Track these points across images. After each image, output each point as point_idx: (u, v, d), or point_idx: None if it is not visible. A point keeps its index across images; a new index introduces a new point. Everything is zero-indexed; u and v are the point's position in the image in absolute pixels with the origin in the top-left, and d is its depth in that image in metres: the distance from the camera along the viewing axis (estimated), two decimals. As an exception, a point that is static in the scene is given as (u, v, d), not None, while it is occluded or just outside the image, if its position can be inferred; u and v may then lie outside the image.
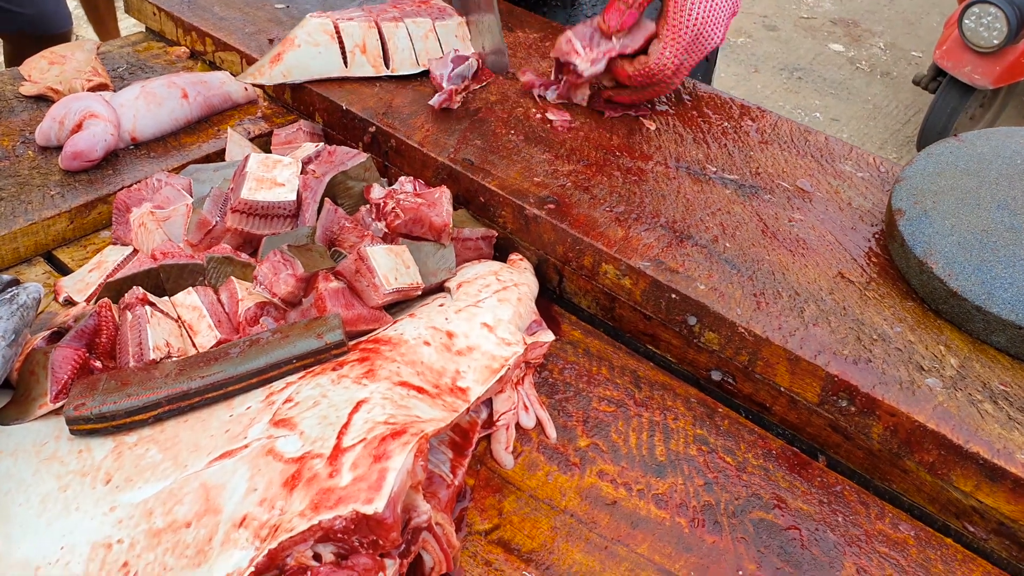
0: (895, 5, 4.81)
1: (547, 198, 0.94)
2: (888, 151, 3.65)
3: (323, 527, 0.58)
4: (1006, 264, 0.80)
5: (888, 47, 4.43)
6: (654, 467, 0.77)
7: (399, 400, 0.70)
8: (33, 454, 0.71)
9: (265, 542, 0.59)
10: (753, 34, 4.46)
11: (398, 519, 0.59)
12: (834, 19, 4.66)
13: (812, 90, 4.05)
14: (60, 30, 2.34)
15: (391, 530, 0.58)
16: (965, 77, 3.35)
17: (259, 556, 0.58)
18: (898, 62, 4.31)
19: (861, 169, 1.02)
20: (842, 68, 4.24)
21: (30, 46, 2.27)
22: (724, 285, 0.84)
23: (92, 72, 1.12)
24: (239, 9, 1.26)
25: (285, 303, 0.82)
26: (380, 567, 0.59)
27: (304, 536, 0.59)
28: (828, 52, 4.36)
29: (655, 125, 1.07)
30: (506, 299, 0.86)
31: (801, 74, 4.15)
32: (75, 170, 0.99)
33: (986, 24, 3.22)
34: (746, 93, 3.96)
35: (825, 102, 3.97)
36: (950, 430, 0.71)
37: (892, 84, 4.14)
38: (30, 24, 2.26)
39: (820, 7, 4.77)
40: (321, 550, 0.60)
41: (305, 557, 0.59)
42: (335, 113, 1.08)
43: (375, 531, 0.59)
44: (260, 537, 0.60)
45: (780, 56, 4.29)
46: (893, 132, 3.79)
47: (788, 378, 0.79)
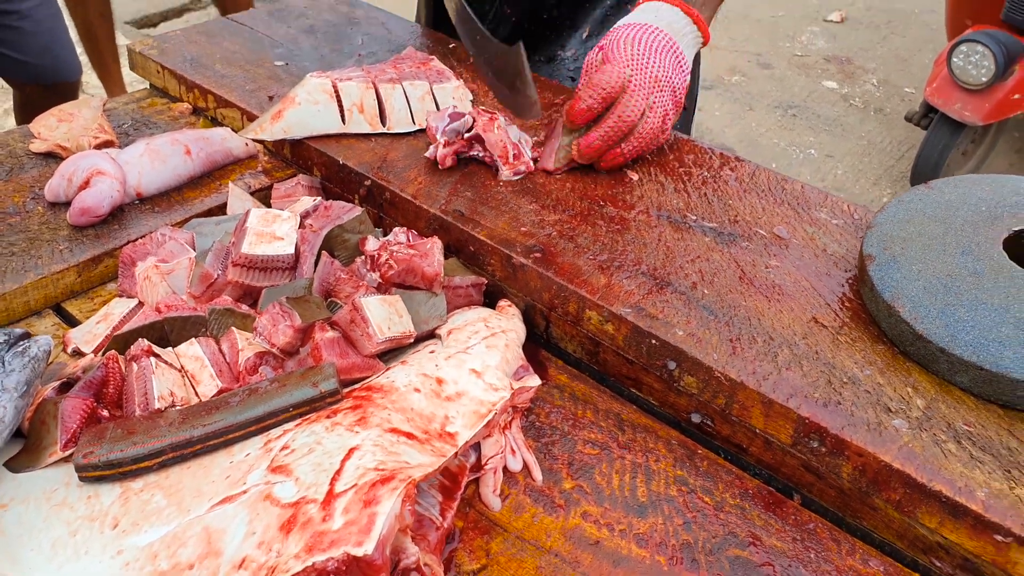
0: (887, 43, 4.89)
1: (533, 247, 0.98)
2: (883, 187, 3.70)
3: (316, 568, 0.62)
4: (969, 308, 0.84)
5: (881, 84, 4.50)
6: (636, 507, 0.80)
7: (389, 446, 0.74)
8: (44, 500, 0.75)
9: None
10: (747, 72, 4.53)
11: (387, 561, 0.63)
12: (827, 57, 4.73)
13: (806, 127, 4.11)
14: (71, 79, 2.40)
15: (380, 571, 0.62)
16: (955, 114, 3.41)
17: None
18: (891, 99, 4.38)
19: (836, 216, 1.06)
20: (836, 105, 4.30)
21: (41, 95, 2.33)
22: (701, 331, 0.88)
23: (99, 129, 1.17)
24: (240, 67, 1.32)
25: (283, 353, 0.86)
26: (371, 606, 0.63)
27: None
28: (822, 89, 4.43)
29: (638, 176, 1.12)
30: (494, 345, 0.90)
31: (795, 111, 4.22)
32: (83, 225, 1.03)
33: (974, 62, 3.28)
34: (741, 131, 4.03)
35: (820, 139, 4.03)
36: (914, 469, 0.75)
37: (886, 120, 4.20)
38: (43, 74, 2.32)
39: (813, 45, 4.85)
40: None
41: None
42: (332, 167, 1.13)
43: (365, 572, 0.62)
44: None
45: (774, 94, 4.36)
46: (887, 168, 3.84)
47: (763, 420, 0.83)
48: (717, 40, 4.81)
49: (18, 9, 2.19)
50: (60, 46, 2.34)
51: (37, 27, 2.25)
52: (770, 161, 3.81)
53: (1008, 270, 0.88)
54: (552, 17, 1.46)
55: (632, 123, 1.07)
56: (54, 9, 2.32)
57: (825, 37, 4.92)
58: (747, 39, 4.87)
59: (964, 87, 3.35)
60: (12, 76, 2.34)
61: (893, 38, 4.94)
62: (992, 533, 0.72)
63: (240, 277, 0.91)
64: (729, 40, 4.84)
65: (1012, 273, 0.88)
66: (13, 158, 1.16)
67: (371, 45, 1.40)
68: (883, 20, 5.11)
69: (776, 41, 4.86)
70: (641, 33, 1.09)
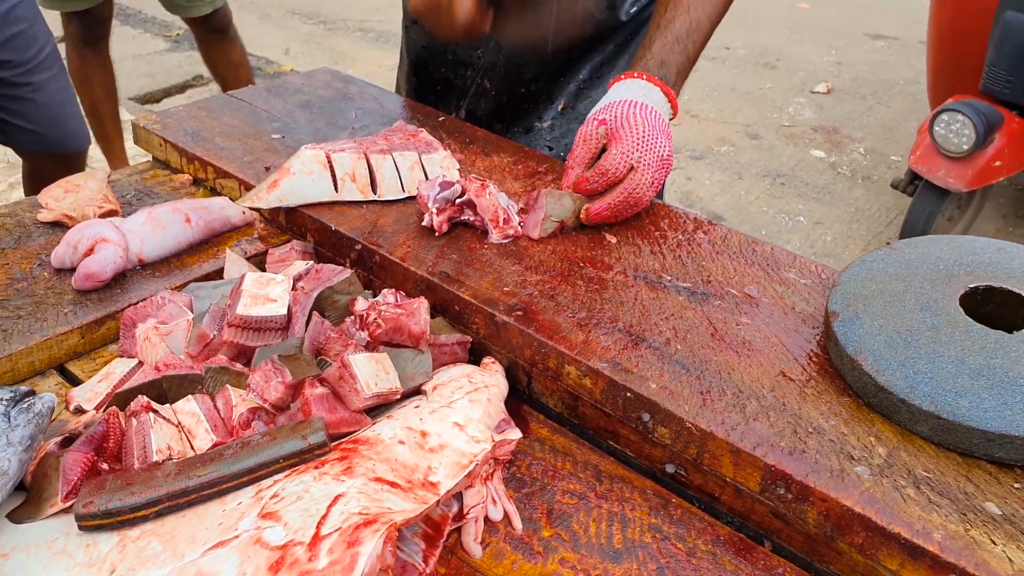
0: (873, 113, 5.02)
1: (516, 306, 1.03)
2: (870, 252, 3.76)
3: (302, 607, 0.66)
4: (927, 360, 0.89)
5: (868, 152, 4.61)
6: (611, 554, 0.84)
7: (373, 494, 0.78)
8: (44, 549, 0.79)
9: (250, 622, 0.66)
10: (736, 143, 4.64)
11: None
12: (815, 127, 4.85)
13: (795, 195, 4.20)
14: (79, 149, 2.47)
15: (362, 608, 0.66)
16: (939, 181, 3.49)
17: (245, 634, 0.65)
18: (878, 166, 4.47)
19: (804, 276, 1.11)
20: (824, 173, 4.40)
21: (50, 165, 2.40)
22: (674, 384, 0.93)
23: (103, 199, 1.23)
24: (238, 140, 1.39)
25: (275, 408, 0.90)
26: (353, 644, 0.66)
27: (285, 615, 0.66)
28: (810, 158, 4.53)
29: (616, 239, 1.17)
30: (477, 399, 0.94)
31: (784, 180, 4.31)
32: (87, 290, 1.09)
33: (955, 130, 3.38)
34: (731, 199, 4.11)
35: (808, 206, 4.11)
36: (875, 513, 0.79)
37: (873, 188, 4.29)
38: (52, 144, 2.39)
39: (801, 115, 4.97)
40: (300, 628, 0.66)
41: (286, 635, 0.66)
42: (325, 233, 1.18)
43: (348, 610, 0.66)
44: (246, 618, 0.67)
45: (763, 163, 4.46)
46: (876, 234, 3.91)
47: (732, 469, 0.87)
48: (707, 112, 4.94)
49: (31, 81, 2.27)
50: (70, 117, 2.42)
51: (49, 99, 2.33)
52: (760, 228, 3.88)
53: (964, 324, 0.93)
54: (529, 91, 1.54)
55: (639, 198, 1.18)
56: (64, 82, 2.40)
57: (812, 108, 5.05)
58: (736, 111, 4.99)
59: (947, 155, 3.44)
60: (22, 146, 2.41)
61: (878, 108, 5.07)
62: (948, 573, 0.75)
63: (235, 337, 0.96)
64: (718, 112, 4.97)
65: (968, 327, 0.92)
66: (21, 227, 1.22)
67: (364, 119, 1.47)
68: (868, 91, 5.25)
69: (764, 112, 4.98)
70: (643, 112, 1.18)
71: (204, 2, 3.30)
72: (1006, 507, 0.80)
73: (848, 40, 5.96)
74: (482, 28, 1.30)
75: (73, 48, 3.25)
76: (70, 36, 3.24)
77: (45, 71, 2.30)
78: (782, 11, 6.44)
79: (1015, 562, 0.74)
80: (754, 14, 6.35)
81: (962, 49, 3.64)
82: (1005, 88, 3.40)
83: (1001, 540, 0.76)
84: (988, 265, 1.00)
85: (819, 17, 6.33)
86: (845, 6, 6.54)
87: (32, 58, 2.25)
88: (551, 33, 1.48)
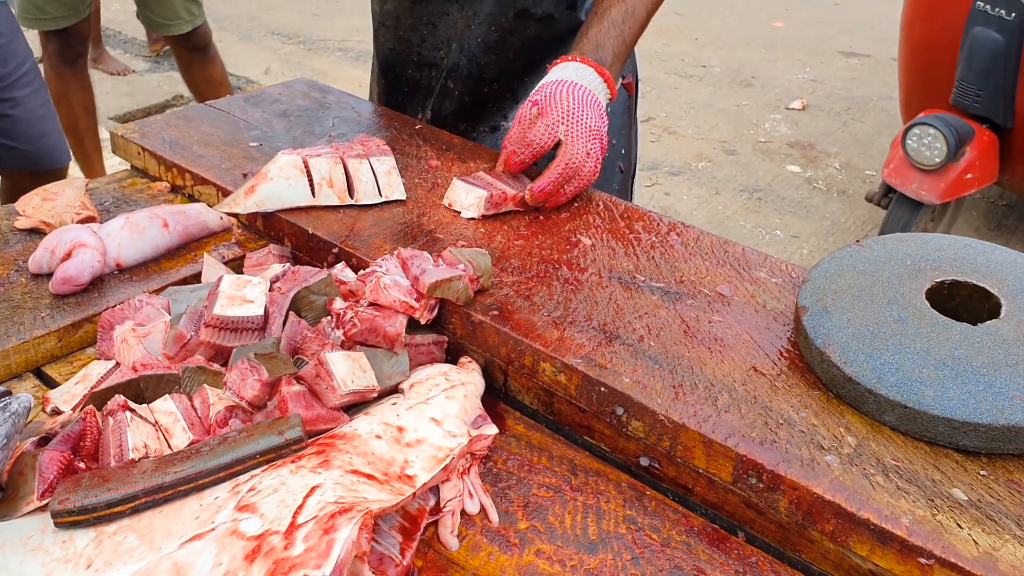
0: (848, 128, 5.07)
1: (491, 306, 1.04)
2: (846, 264, 3.79)
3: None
4: (894, 352, 0.91)
5: (843, 167, 4.66)
6: (587, 545, 0.84)
7: (350, 485, 0.78)
8: (20, 545, 0.79)
9: (227, 609, 0.66)
10: (713, 159, 4.69)
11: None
12: (791, 142, 4.90)
13: (772, 209, 4.24)
14: (59, 165, 2.47)
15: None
16: (913, 193, 3.54)
17: (221, 621, 0.66)
18: (853, 181, 4.52)
19: (775, 275, 1.13)
20: (800, 188, 4.44)
21: (29, 181, 2.38)
22: (647, 378, 0.94)
23: (81, 206, 1.24)
24: (216, 148, 1.39)
25: (252, 406, 0.91)
26: (329, 630, 0.66)
27: (261, 602, 0.66)
28: (786, 173, 4.58)
29: (591, 241, 1.19)
30: (453, 396, 0.95)
31: (761, 195, 4.35)
32: (64, 294, 1.09)
33: (927, 144, 3.43)
34: (708, 214, 4.15)
35: (785, 220, 4.15)
36: (844, 500, 0.80)
37: (848, 201, 4.34)
38: (32, 161, 2.38)
39: (777, 131, 5.02)
40: (277, 615, 0.67)
41: (262, 622, 0.66)
42: (302, 237, 1.19)
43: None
44: (222, 605, 0.67)
45: (740, 178, 4.50)
46: (851, 246, 3.95)
47: (704, 460, 0.88)
48: (684, 128, 4.98)
49: (11, 96, 2.26)
50: (50, 133, 2.41)
51: (30, 115, 2.32)
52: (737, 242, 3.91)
53: (930, 317, 0.95)
54: (492, 91, 1.57)
55: (577, 168, 1.23)
56: (45, 98, 2.40)
57: (788, 124, 5.10)
58: (713, 127, 5.04)
59: (919, 168, 3.49)
60: (1, 163, 2.40)
61: (853, 124, 5.13)
62: (916, 557, 0.76)
63: (212, 337, 0.97)
64: (696, 128, 5.01)
65: (933, 320, 0.94)
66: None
67: (341, 127, 1.49)
68: (843, 107, 5.31)
69: (741, 128, 5.03)
70: (571, 88, 1.26)
71: (184, 20, 3.32)
72: (972, 493, 0.81)
73: (822, 58, 6.04)
74: None
75: (51, 67, 3.25)
76: (48, 55, 3.25)
77: (25, 87, 2.30)
78: (757, 30, 6.52)
79: (980, 545, 0.76)
80: (730, 32, 6.43)
81: (933, 64, 3.70)
82: (975, 102, 3.46)
83: (967, 524, 0.78)
84: (954, 261, 1.03)
85: (793, 35, 6.41)
86: (818, 25, 6.62)
87: (11, 73, 2.25)
88: (511, 33, 1.50)
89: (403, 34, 1.59)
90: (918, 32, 3.79)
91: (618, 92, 1.56)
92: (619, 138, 1.63)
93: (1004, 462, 0.85)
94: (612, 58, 1.33)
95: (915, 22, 3.80)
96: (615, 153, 1.62)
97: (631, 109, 1.67)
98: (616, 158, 1.62)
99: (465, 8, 1.50)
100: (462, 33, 1.51)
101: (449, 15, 1.52)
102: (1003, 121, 3.45)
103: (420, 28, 1.56)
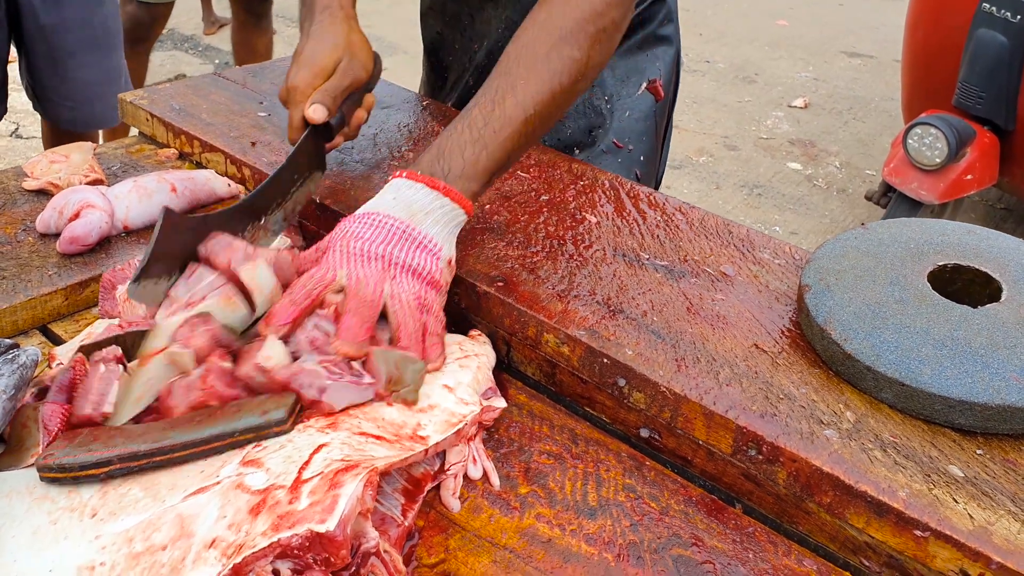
0: (849, 128, 5.09)
1: (496, 277, 1.05)
2: (844, 262, 3.81)
3: (282, 544, 0.67)
4: (893, 331, 0.92)
5: (843, 166, 4.67)
6: (586, 511, 0.85)
7: (357, 445, 0.79)
8: (26, 494, 0.79)
9: (230, 559, 0.67)
10: (714, 153, 4.70)
11: (347, 538, 0.68)
12: (792, 140, 4.91)
13: (772, 206, 4.25)
14: (110, 126, 2.46)
15: (341, 547, 0.67)
16: (912, 193, 3.55)
17: (225, 570, 0.66)
18: (853, 180, 4.54)
19: (778, 257, 1.14)
20: (800, 185, 4.46)
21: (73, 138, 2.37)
22: (650, 351, 0.95)
23: (89, 169, 1.24)
24: (224, 116, 1.40)
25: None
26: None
27: (265, 552, 0.67)
28: (786, 170, 4.59)
29: (597, 219, 1.19)
30: (467, 365, 0.95)
31: (761, 191, 4.37)
32: (71, 253, 1.09)
33: (928, 144, 3.44)
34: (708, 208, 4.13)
35: (784, 217, 4.16)
36: (843, 472, 0.81)
37: (848, 200, 4.35)
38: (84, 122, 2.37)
39: (779, 128, 5.04)
40: (280, 566, 0.68)
41: (265, 572, 0.67)
42: (309, 206, 1.20)
43: (327, 548, 0.67)
44: (227, 555, 0.68)
45: (740, 174, 4.51)
46: (849, 245, 3.96)
47: (704, 432, 0.89)
48: (686, 123, 4.99)
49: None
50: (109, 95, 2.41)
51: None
52: (736, 236, 3.92)
53: (931, 299, 0.96)
54: None
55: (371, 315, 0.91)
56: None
57: (789, 122, 5.11)
58: (715, 122, 5.05)
59: (919, 167, 3.50)
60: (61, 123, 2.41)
61: (854, 123, 5.14)
62: (912, 529, 0.78)
63: None
64: (698, 123, 5.02)
65: (934, 301, 0.95)
66: (6, 194, 1.22)
67: (349, 101, 1.49)
68: (845, 107, 5.32)
69: (742, 125, 5.04)
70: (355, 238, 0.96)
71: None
72: (968, 470, 0.83)
73: (825, 57, 6.05)
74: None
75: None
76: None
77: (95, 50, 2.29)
78: (761, 27, 6.53)
79: (975, 518, 0.77)
80: (734, 30, 6.43)
81: (936, 65, 3.71)
82: (977, 104, 3.47)
83: (963, 499, 0.79)
84: (957, 245, 1.04)
85: (797, 34, 6.41)
86: (823, 24, 6.63)
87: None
88: None
89: (448, 19, 1.59)
90: (922, 32, 3.80)
91: (642, 95, 1.55)
92: (636, 144, 1.55)
93: (1001, 442, 0.86)
94: (464, 166, 1.00)
95: (920, 22, 3.81)
96: (631, 159, 1.54)
97: (656, 115, 1.57)
98: (631, 164, 1.55)
99: (499, 8, 1.49)
100: (491, 33, 1.51)
101: (484, 11, 1.51)
102: (1005, 123, 3.47)
103: (462, 18, 1.56)
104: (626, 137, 1.53)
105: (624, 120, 1.54)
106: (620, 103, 1.53)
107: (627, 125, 1.53)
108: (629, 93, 1.54)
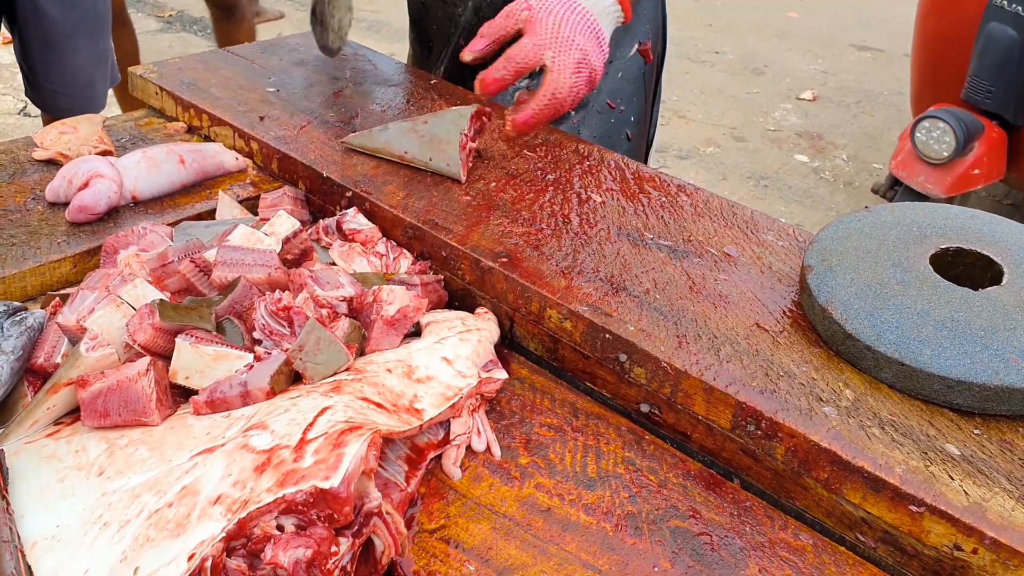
0: (857, 121, 5.08)
1: (501, 253, 1.06)
2: (848, 255, 3.81)
3: (286, 500, 0.68)
4: (894, 311, 0.92)
5: (851, 159, 4.66)
6: (585, 481, 0.86)
7: (360, 409, 0.80)
8: (35, 454, 0.81)
9: (235, 514, 0.68)
10: (722, 144, 4.69)
11: (351, 496, 0.69)
12: (799, 132, 4.91)
13: (778, 197, 4.25)
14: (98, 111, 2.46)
15: (344, 504, 0.68)
16: (919, 187, 3.55)
17: (229, 525, 0.68)
18: (860, 173, 4.53)
19: (781, 239, 1.15)
20: (807, 178, 4.45)
21: None
22: (651, 328, 0.96)
23: (98, 140, 1.25)
24: (233, 91, 1.41)
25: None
26: (334, 539, 0.68)
27: (270, 508, 0.68)
28: (794, 163, 4.59)
29: (602, 199, 1.20)
30: (467, 339, 0.97)
31: (768, 182, 4.36)
32: (80, 222, 1.10)
33: (936, 137, 3.43)
34: (714, 198, 4.16)
35: (791, 209, 4.16)
36: (840, 448, 0.82)
37: (854, 193, 4.35)
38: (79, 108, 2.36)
39: (786, 121, 5.03)
40: (284, 522, 0.69)
41: (269, 527, 0.68)
42: (317, 180, 1.21)
43: (331, 505, 0.68)
44: (231, 511, 0.69)
45: (747, 165, 4.51)
46: (854, 237, 3.96)
47: (704, 407, 0.90)
48: (694, 113, 4.99)
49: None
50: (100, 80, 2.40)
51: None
52: (741, 227, 3.92)
53: (932, 281, 0.96)
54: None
55: (563, 102, 1.15)
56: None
57: (797, 114, 5.11)
58: (723, 113, 5.04)
59: (927, 161, 3.49)
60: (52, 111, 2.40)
61: (862, 117, 5.13)
62: (908, 504, 0.78)
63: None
64: (705, 114, 5.02)
65: (936, 283, 0.96)
66: (16, 164, 1.23)
67: (357, 77, 1.50)
68: (853, 100, 5.31)
69: (750, 116, 5.03)
70: (566, 11, 1.15)
71: None
72: (965, 449, 0.83)
73: (834, 50, 6.03)
74: None
75: None
76: None
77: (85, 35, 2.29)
78: (771, 19, 6.51)
79: (971, 495, 0.78)
80: (743, 21, 6.41)
81: (945, 59, 3.70)
82: (986, 98, 3.46)
83: (959, 476, 0.80)
84: (960, 229, 1.04)
85: (807, 27, 6.39)
86: (832, 17, 6.61)
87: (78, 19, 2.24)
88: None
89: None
90: (932, 25, 3.79)
91: (633, 57, 1.56)
92: (628, 105, 1.58)
93: (998, 423, 0.87)
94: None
95: (930, 15, 3.80)
96: (622, 119, 1.58)
97: (646, 76, 1.62)
98: (623, 124, 1.58)
99: None
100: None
101: None
102: (1014, 118, 3.46)
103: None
104: (618, 98, 1.54)
105: (616, 81, 1.55)
106: (612, 65, 1.54)
107: (619, 86, 1.55)
108: (622, 55, 1.55)
